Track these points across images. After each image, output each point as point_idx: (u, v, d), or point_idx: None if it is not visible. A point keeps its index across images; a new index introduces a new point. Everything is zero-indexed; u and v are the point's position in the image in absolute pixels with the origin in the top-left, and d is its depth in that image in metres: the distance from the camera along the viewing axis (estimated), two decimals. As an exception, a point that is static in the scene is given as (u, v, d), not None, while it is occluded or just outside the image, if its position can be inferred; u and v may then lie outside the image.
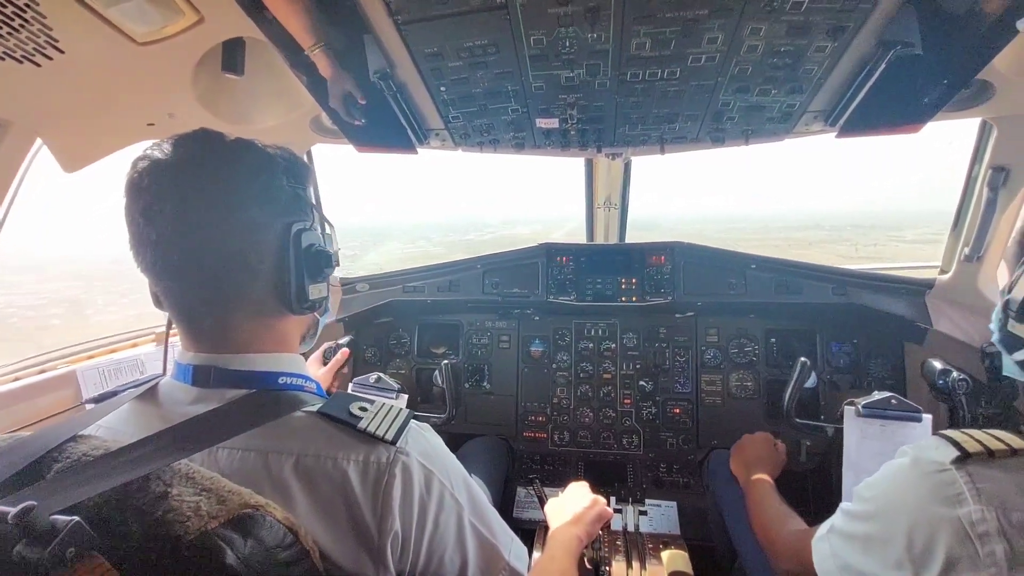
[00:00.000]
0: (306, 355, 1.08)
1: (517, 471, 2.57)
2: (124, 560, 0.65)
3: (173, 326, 0.99)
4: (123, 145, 1.67)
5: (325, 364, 2.17)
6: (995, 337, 1.02)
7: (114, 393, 1.00)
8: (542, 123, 1.68)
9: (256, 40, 1.34)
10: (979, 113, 1.59)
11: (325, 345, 2.34)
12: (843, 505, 1.04)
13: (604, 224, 2.69)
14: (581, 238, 2.90)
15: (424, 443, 0.93)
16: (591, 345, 2.60)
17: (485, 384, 2.66)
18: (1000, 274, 1.10)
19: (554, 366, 2.62)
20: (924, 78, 1.31)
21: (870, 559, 0.92)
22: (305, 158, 2.11)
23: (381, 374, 2.09)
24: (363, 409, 0.91)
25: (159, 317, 1.14)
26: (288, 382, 0.96)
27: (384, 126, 1.65)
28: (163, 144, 0.89)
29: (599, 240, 2.81)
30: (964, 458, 0.81)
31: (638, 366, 2.55)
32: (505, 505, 2.29)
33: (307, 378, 1.01)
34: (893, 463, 0.94)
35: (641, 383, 2.54)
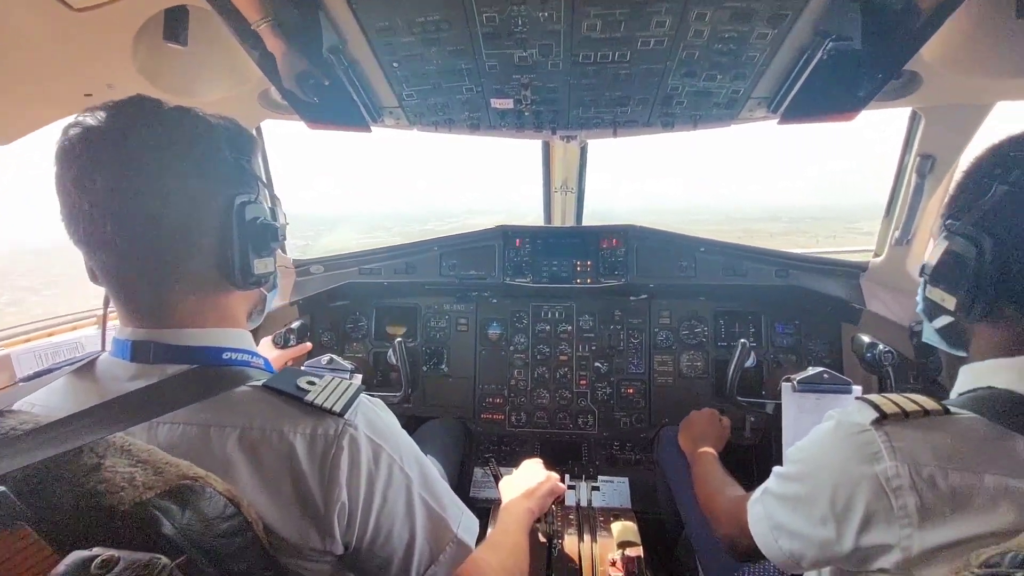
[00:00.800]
0: (256, 335, 1.06)
1: (475, 452, 2.60)
2: (55, 531, 0.64)
3: (111, 304, 0.96)
4: (59, 116, 1.58)
5: (277, 348, 2.14)
6: (919, 308, 1.08)
7: (49, 371, 0.97)
8: (497, 103, 1.68)
9: (201, 8, 1.29)
10: (908, 103, 1.68)
11: (278, 331, 2.30)
12: (775, 469, 1.09)
13: (561, 208, 2.73)
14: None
15: (374, 417, 0.92)
16: (548, 327, 2.64)
17: (443, 367, 2.67)
18: (927, 253, 1.18)
19: (511, 348, 2.65)
20: (857, 68, 1.37)
21: (798, 517, 0.98)
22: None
23: (334, 356, 2.07)
24: (311, 383, 0.90)
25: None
26: (233, 357, 0.94)
27: (337, 103, 1.62)
28: (97, 111, 0.85)
29: (557, 224, 2.84)
30: (882, 419, 0.87)
31: (593, 348, 2.61)
32: (462, 485, 2.32)
33: (254, 354, 0.99)
34: (820, 427, 1.00)
35: (596, 364, 2.60)
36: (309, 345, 2.29)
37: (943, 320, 1.01)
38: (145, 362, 0.88)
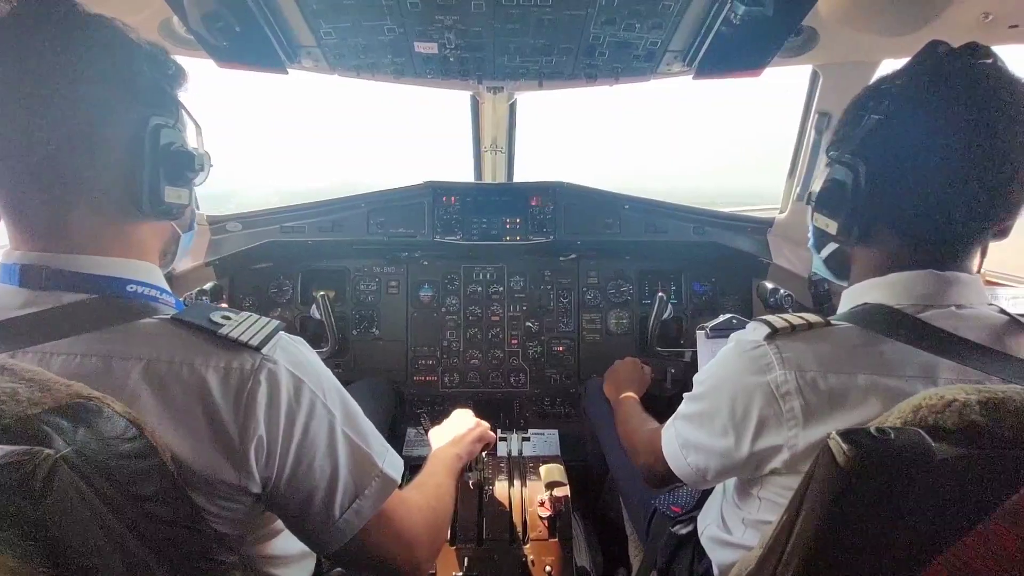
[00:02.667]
0: (171, 286, 0.99)
1: (408, 414, 2.59)
2: None
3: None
4: None
5: None
6: (810, 243, 1.18)
7: None
8: (421, 47, 1.65)
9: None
10: (808, 60, 1.81)
11: (189, 292, 2.16)
12: (685, 395, 1.17)
13: (492, 167, 2.73)
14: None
15: (295, 351, 0.89)
16: (479, 289, 2.66)
17: (374, 330, 2.63)
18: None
19: (443, 310, 2.64)
20: (762, 21, 1.46)
21: (703, 432, 1.06)
22: None
23: (253, 314, 1.98)
24: (226, 318, 0.85)
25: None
26: (139, 291, 0.87)
27: (249, 38, 1.52)
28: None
29: (488, 181, 2.84)
30: (773, 334, 0.95)
31: (525, 308, 2.66)
32: (394, 445, 2.30)
33: (164, 290, 0.92)
34: (723, 349, 1.08)
35: (527, 324, 2.65)
36: (225, 306, 2.17)
37: (829, 248, 1.11)
38: (37, 288, 0.81)
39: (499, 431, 2.20)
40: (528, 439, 2.28)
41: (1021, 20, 1.33)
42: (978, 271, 0.99)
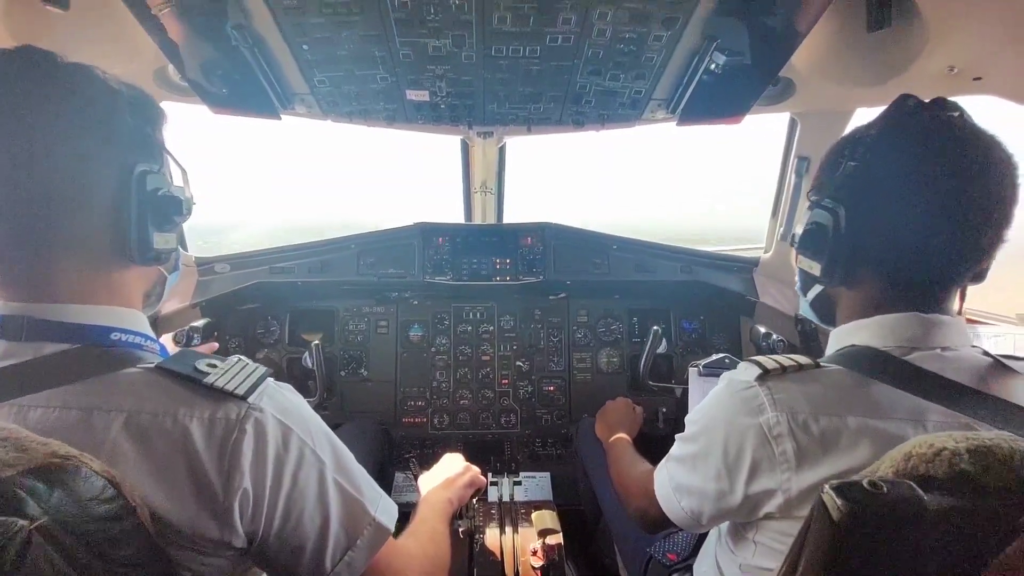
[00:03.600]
0: (155, 328, 0.97)
1: (396, 457, 2.53)
2: None
3: None
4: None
5: (178, 348, 1.98)
6: (797, 285, 1.20)
7: None
8: (413, 95, 1.69)
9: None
10: (786, 108, 1.89)
11: (180, 329, 2.14)
12: (677, 436, 1.16)
13: (482, 208, 2.77)
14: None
15: (282, 399, 0.87)
16: (470, 328, 2.65)
17: (362, 371, 2.59)
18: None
19: (433, 350, 2.63)
20: (740, 72, 1.52)
21: (696, 475, 1.05)
22: None
23: (243, 357, 1.95)
24: (212, 365, 0.84)
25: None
26: (123, 338, 0.86)
27: (244, 86, 1.56)
28: None
29: (477, 222, 2.88)
30: (764, 375, 0.96)
31: (515, 347, 2.65)
32: (383, 489, 2.24)
33: (149, 337, 0.91)
34: (714, 389, 1.08)
35: (518, 363, 2.64)
36: (215, 344, 2.14)
37: (814, 291, 1.13)
38: (17, 340, 0.79)
39: (490, 475, 2.15)
40: (520, 483, 2.24)
41: (984, 73, 1.40)
42: (959, 312, 1.02)
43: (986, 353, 0.97)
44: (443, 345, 2.63)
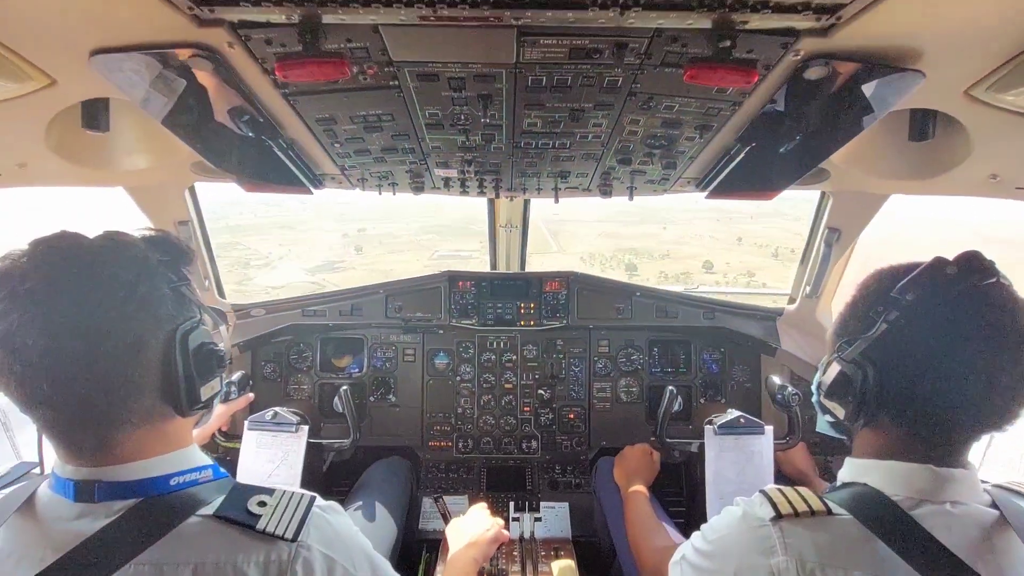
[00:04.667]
0: None
1: (423, 479, 2.68)
2: None
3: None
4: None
5: (220, 403, 2.10)
6: (814, 399, 1.23)
7: None
8: (441, 172, 1.70)
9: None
10: (818, 188, 1.84)
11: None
12: (694, 538, 1.23)
13: (505, 250, 2.79)
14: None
15: (326, 529, 0.96)
16: (493, 357, 2.73)
17: (391, 397, 2.71)
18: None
19: (458, 378, 2.72)
20: (776, 165, 1.50)
21: None
22: (187, 195, 1.96)
23: (278, 409, 2.06)
24: (262, 504, 0.93)
25: None
26: (181, 481, 0.95)
27: (275, 171, 1.58)
28: (17, 256, 0.82)
29: (501, 269, 2.92)
30: (778, 517, 1.02)
31: (537, 376, 2.73)
32: (411, 519, 2.39)
33: (200, 468, 1.00)
34: (730, 511, 1.14)
35: (540, 391, 2.72)
36: (251, 396, 2.26)
37: (833, 417, 1.17)
38: (89, 501, 0.88)
39: (512, 507, 2.27)
40: (540, 519, 2.36)
41: (1028, 184, 1.35)
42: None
43: (994, 505, 1.01)
44: (467, 373, 2.72)
